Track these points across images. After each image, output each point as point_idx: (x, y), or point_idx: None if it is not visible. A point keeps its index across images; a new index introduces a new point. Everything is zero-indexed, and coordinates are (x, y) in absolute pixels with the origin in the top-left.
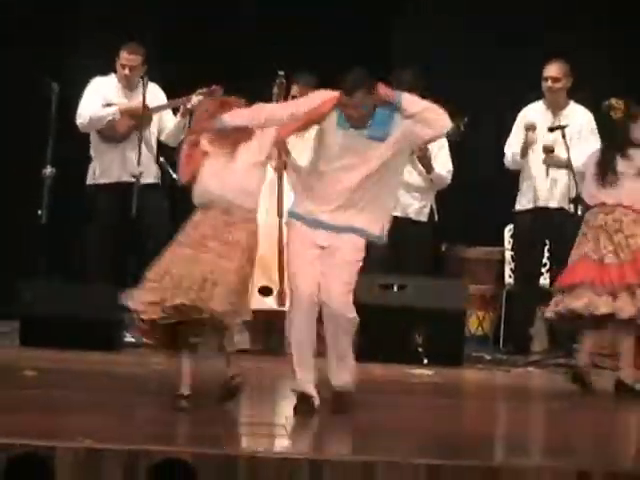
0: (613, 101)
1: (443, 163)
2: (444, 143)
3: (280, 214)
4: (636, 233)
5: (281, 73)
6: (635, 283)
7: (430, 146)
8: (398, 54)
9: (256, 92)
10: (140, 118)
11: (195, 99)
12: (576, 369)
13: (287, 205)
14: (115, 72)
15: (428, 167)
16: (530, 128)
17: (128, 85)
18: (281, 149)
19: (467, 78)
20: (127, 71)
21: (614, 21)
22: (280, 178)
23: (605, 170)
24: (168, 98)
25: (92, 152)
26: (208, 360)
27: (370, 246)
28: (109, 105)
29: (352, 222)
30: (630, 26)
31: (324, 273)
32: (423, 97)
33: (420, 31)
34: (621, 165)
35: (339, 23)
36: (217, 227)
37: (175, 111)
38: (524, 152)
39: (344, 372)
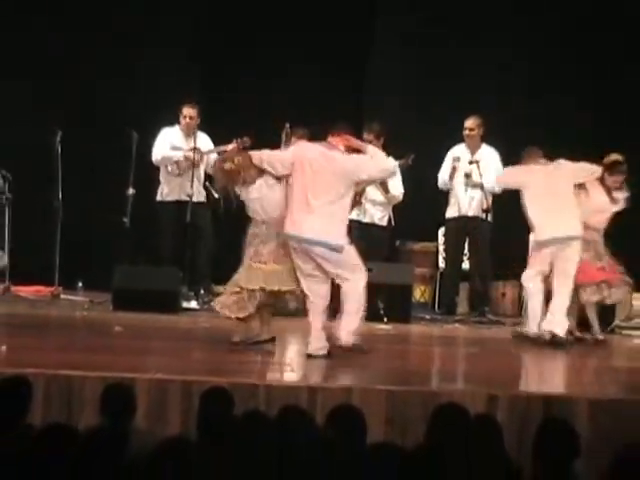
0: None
1: (397, 187)
2: (398, 172)
3: None
4: None
5: (287, 125)
6: None
7: None
8: (369, 111)
9: (270, 139)
10: (194, 161)
11: (231, 146)
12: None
13: None
14: (178, 123)
15: (385, 189)
16: (456, 160)
17: (187, 132)
18: None
19: (416, 126)
20: (188, 120)
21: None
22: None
23: None
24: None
25: (161, 178)
26: None
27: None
28: (175, 148)
29: None
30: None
31: None
32: (385, 141)
33: (387, 94)
34: None
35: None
36: None
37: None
38: (452, 176)
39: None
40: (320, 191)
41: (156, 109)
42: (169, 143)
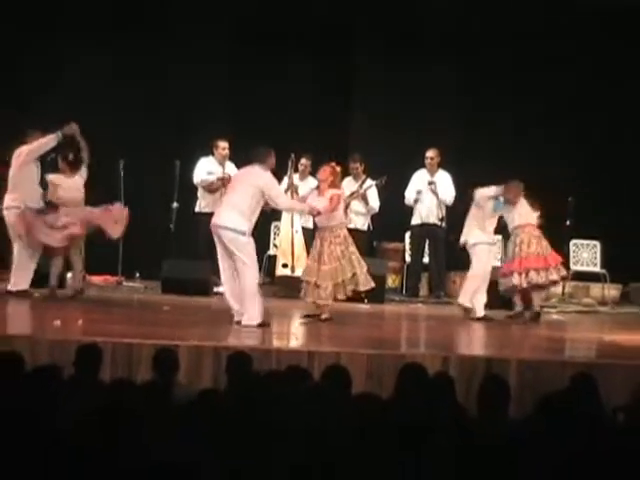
0: None
1: (374, 201)
2: (374, 190)
3: (292, 226)
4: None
5: (292, 155)
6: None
7: (368, 192)
8: (354, 142)
9: (280, 166)
10: (224, 182)
11: None
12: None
13: (295, 223)
14: (212, 154)
15: (365, 201)
16: (419, 192)
17: (221, 160)
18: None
19: (388, 156)
20: (225, 152)
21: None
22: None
23: None
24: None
25: (199, 195)
26: None
27: None
28: (210, 173)
29: None
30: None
31: None
32: (365, 167)
33: (370, 129)
34: None
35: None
36: None
37: None
38: (415, 202)
39: None
40: None
41: (192, 143)
42: (206, 169)
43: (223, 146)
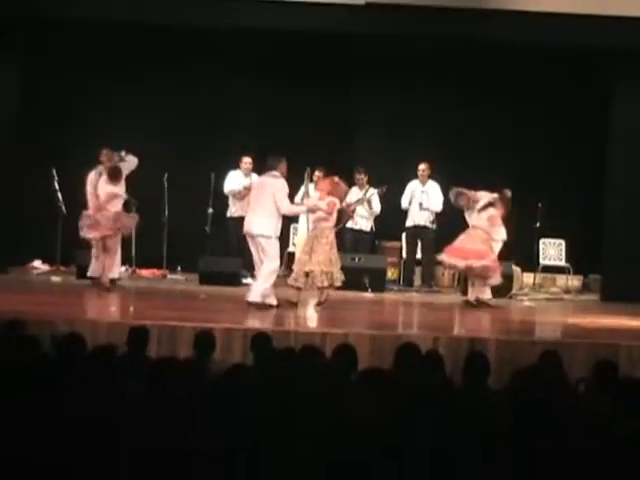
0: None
1: (376, 205)
2: (376, 197)
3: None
4: None
5: (308, 169)
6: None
7: (372, 197)
8: (359, 157)
9: (297, 177)
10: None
11: None
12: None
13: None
14: (239, 168)
15: (370, 205)
16: (413, 194)
17: (246, 173)
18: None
19: (388, 168)
20: (247, 165)
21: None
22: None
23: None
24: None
25: (229, 202)
26: None
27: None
28: (238, 184)
29: None
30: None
31: None
32: (369, 178)
33: (372, 145)
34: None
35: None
36: None
37: None
38: (410, 202)
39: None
40: None
41: (223, 159)
42: (234, 180)
43: (246, 161)
